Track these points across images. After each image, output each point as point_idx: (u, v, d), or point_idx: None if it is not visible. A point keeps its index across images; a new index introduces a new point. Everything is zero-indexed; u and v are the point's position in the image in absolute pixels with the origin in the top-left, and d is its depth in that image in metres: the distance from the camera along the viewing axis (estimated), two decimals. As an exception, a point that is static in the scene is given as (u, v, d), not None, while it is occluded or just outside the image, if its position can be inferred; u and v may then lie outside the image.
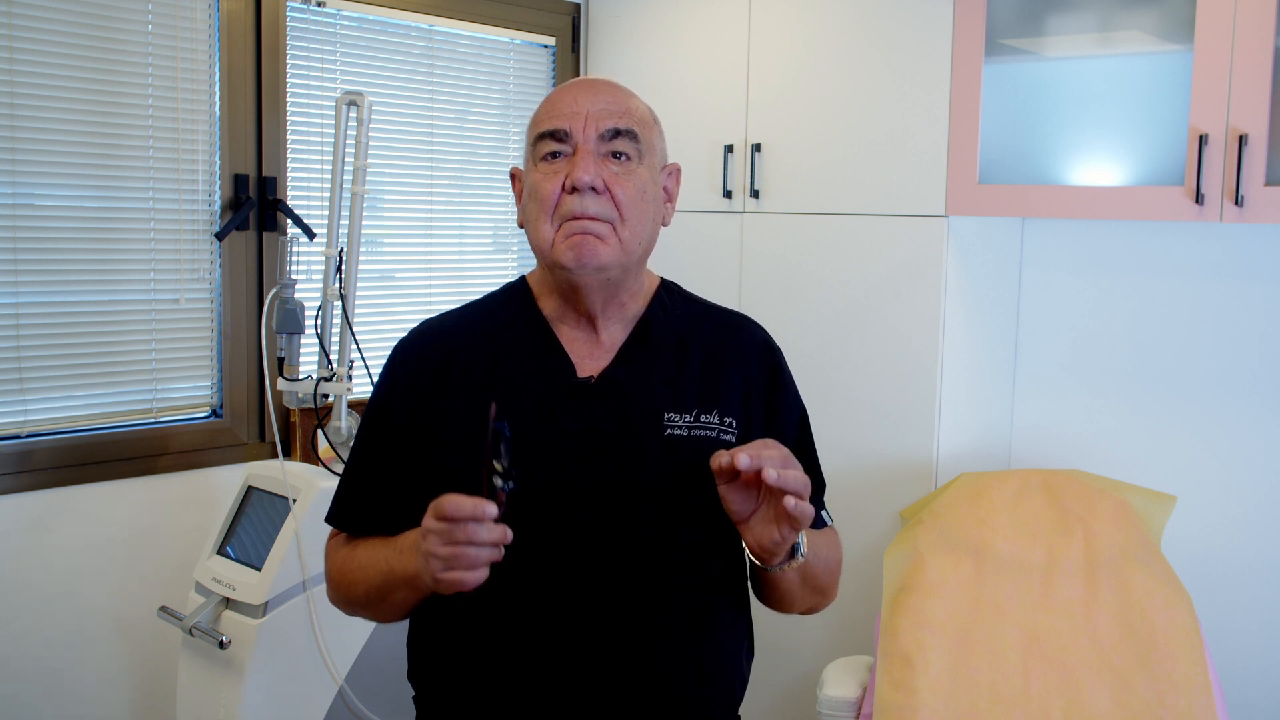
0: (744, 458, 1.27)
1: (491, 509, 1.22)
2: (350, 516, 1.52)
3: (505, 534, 1.24)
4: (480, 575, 1.25)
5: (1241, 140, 2.15)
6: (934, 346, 2.59)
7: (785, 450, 1.31)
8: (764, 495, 1.33)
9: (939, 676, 2.16)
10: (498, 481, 1.25)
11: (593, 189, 1.39)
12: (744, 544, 1.39)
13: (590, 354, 1.47)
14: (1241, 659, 2.54)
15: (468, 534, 1.22)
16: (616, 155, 1.42)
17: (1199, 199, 2.21)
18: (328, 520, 1.55)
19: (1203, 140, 2.19)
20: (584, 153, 1.40)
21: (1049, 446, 2.80)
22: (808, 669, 2.78)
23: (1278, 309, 2.50)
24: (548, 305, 1.50)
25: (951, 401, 2.63)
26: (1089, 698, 2.12)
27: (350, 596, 1.49)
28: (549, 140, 1.42)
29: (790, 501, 1.27)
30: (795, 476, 1.28)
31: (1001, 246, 2.76)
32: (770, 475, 1.26)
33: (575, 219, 1.40)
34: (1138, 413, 2.67)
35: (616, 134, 1.42)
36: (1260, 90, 2.14)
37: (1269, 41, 2.13)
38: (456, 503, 1.23)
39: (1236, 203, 2.17)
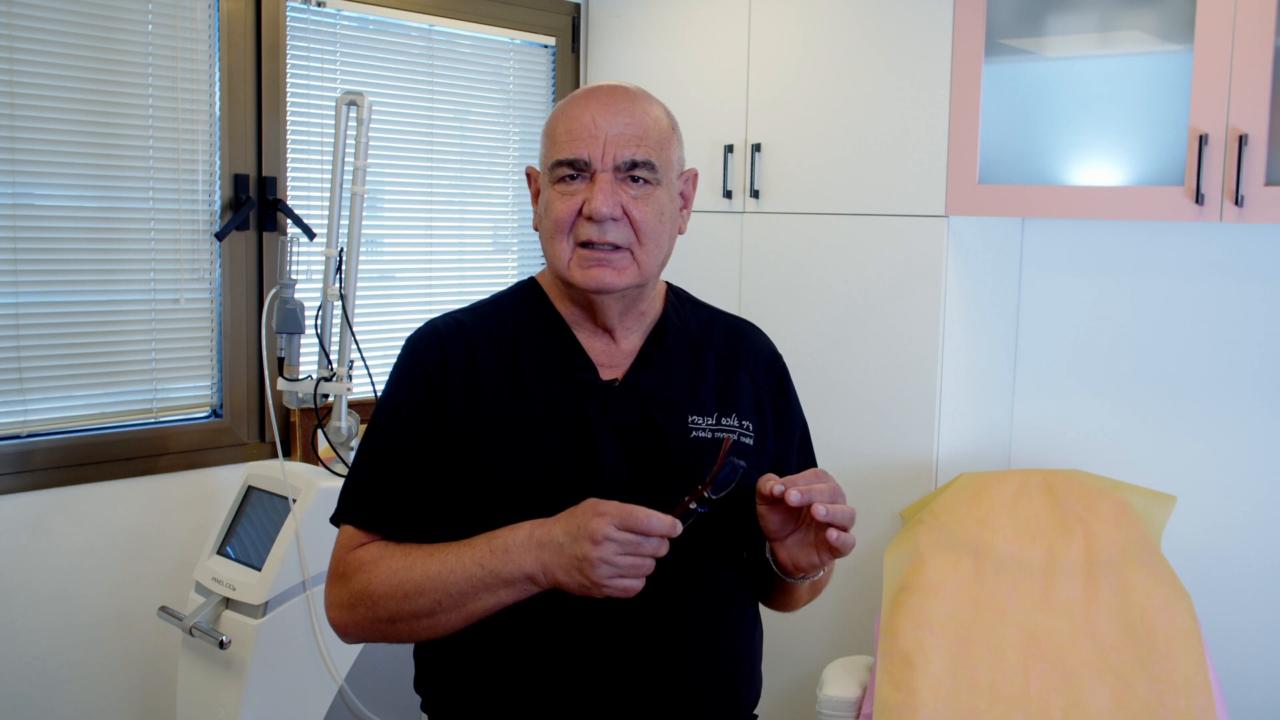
0: (795, 493, 1.30)
1: (679, 529, 1.27)
2: (387, 517, 1.42)
3: (665, 551, 1.28)
4: (641, 585, 1.28)
5: (1241, 140, 2.15)
6: (934, 346, 2.59)
7: (835, 483, 1.34)
8: (803, 520, 1.36)
9: (939, 676, 2.16)
10: (694, 505, 1.29)
11: (611, 218, 1.39)
12: (770, 556, 1.41)
13: (609, 360, 1.48)
14: (1241, 659, 2.54)
15: (653, 549, 1.26)
16: (635, 179, 1.41)
17: (1199, 199, 2.21)
18: (356, 523, 1.44)
19: (1203, 140, 2.19)
20: (602, 181, 1.39)
21: (1049, 446, 2.80)
22: (808, 669, 2.78)
23: (1278, 309, 2.50)
24: (563, 311, 1.50)
25: (951, 401, 2.63)
26: (1089, 698, 2.12)
27: (400, 610, 1.35)
28: (565, 166, 1.41)
29: (833, 534, 1.30)
30: (843, 511, 1.31)
31: (1001, 246, 2.76)
32: (820, 512, 1.29)
33: (592, 245, 1.40)
34: (1138, 413, 2.67)
35: (634, 164, 1.40)
36: (1260, 90, 2.14)
37: (1269, 41, 2.13)
38: (654, 519, 1.25)
39: (1236, 203, 2.17)
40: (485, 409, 1.43)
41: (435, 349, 1.46)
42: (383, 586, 1.37)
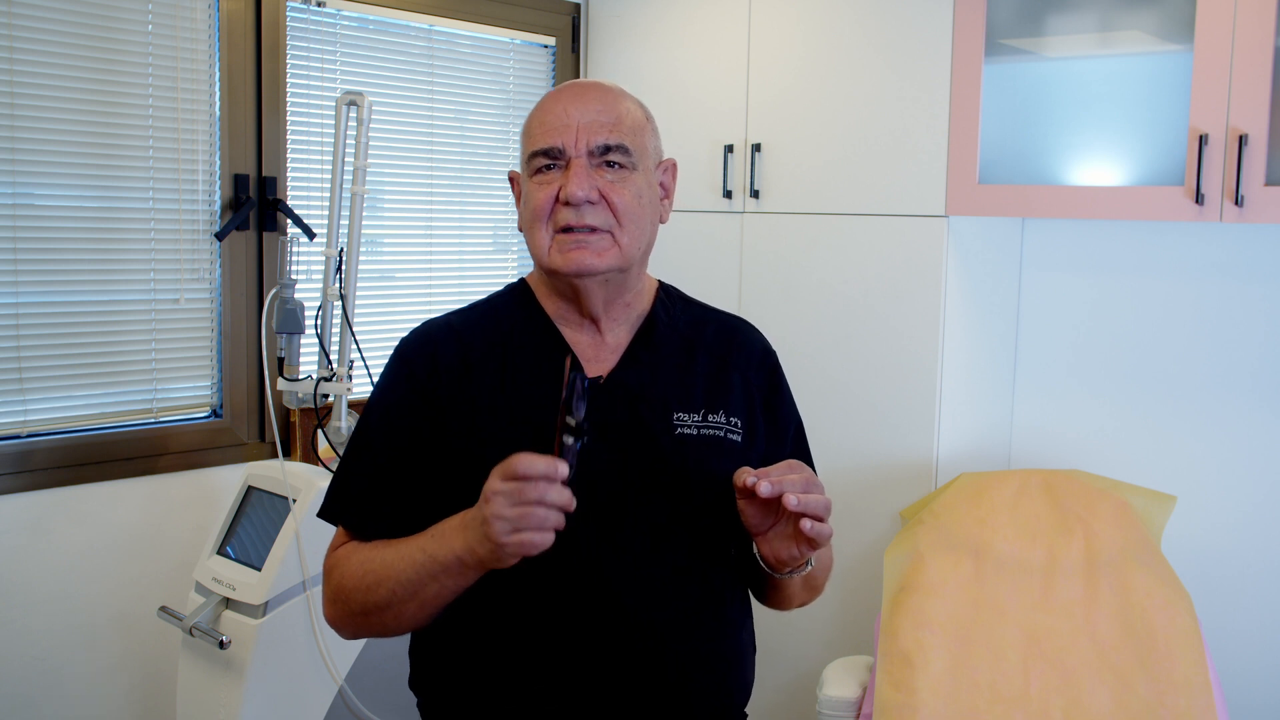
0: (765, 484, 1.29)
1: (564, 468, 1.22)
2: (368, 517, 1.45)
3: (570, 500, 1.23)
4: (548, 539, 1.23)
5: (1241, 140, 2.15)
6: (934, 346, 2.59)
7: (809, 473, 1.34)
8: (783, 513, 1.35)
9: (939, 676, 2.16)
10: (569, 440, 1.24)
11: (588, 201, 1.40)
12: (756, 552, 1.41)
13: (596, 355, 1.48)
14: (1241, 659, 2.54)
15: (539, 493, 1.21)
16: (610, 164, 1.43)
17: (1199, 199, 2.21)
18: (345, 523, 1.47)
19: (1203, 140, 2.19)
20: (577, 166, 1.41)
21: (1049, 446, 2.80)
22: (808, 669, 2.78)
23: (1278, 309, 2.50)
24: (550, 307, 1.51)
25: (951, 401, 2.63)
26: (1089, 698, 2.12)
27: (366, 602, 1.39)
28: (541, 156, 1.43)
29: (806, 524, 1.30)
30: (816, 500, 1.31)
31: (1001, 246, 2.76)
32: (791, 501, 1.28)
33: (570, 230, 1.41)
34: (1138, 413, 2.67)
35: (607, 149, 1.42)
36: (1260, 90, 2.14)
37: (1269, 41, 2.13)
38: (529, 460, 1.21)
39: (1236, 203, 2.17)
40: (481, 409, 1.43)
41: (426, 351, 1.47)
42: (351, 580, 1.41)
